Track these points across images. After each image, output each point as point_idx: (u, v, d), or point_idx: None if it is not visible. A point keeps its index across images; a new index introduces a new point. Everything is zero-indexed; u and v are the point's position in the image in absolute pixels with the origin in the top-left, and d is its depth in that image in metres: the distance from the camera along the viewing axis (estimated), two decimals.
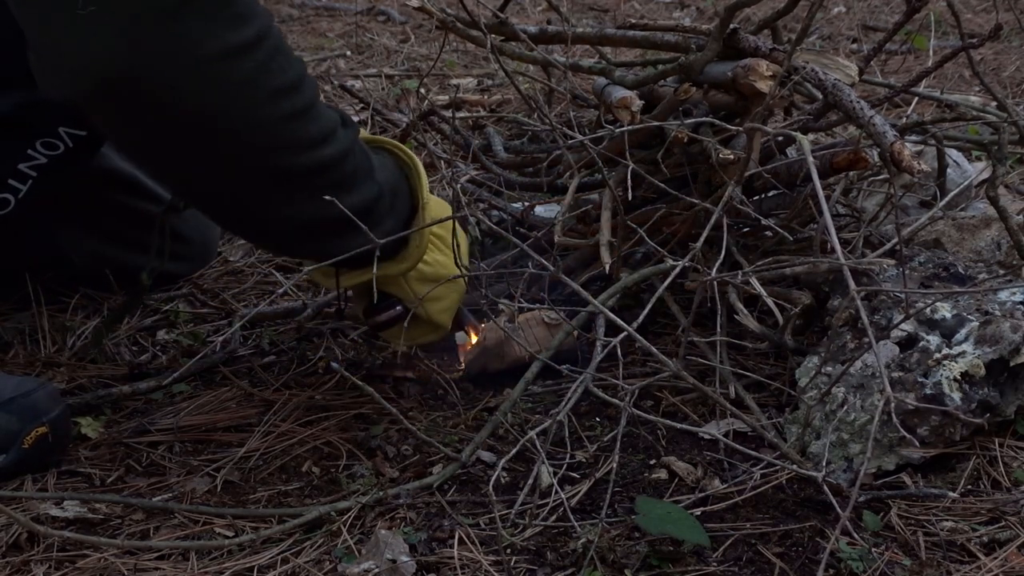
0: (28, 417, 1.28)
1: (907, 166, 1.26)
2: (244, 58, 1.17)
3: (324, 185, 1.23)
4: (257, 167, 1.24)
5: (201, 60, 1.15)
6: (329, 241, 1.29)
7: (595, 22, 3.45)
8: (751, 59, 1.41)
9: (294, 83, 1.22)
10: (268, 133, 1.22)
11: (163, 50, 1.14)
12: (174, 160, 1.27)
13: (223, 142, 1.22)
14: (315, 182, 1.23)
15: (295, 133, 1.22)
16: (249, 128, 1.21)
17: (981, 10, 3.52)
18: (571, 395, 1.18)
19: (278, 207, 1.26)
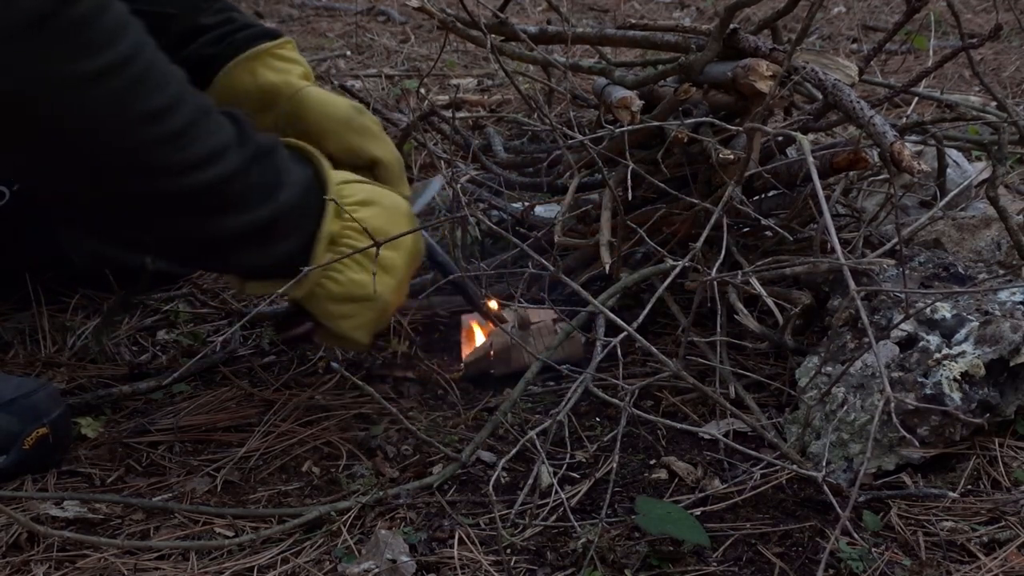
0: (29, 418, 1.28)
1: (907, 166, 1.26)
2: (101, 83, 1.15)
3: (209, 207, 1.22)
4: (129, 191, 1.21)
5: (57, 84, 1.14)
6: (224, 257, 1.29)
7: (595, 22, 3.45)
8: (751, 59, 1.41)
9: (165, 107, 1.19)
10: (135, 158, 1.19)
11: (17, 73, 1.13)
12: (46, 181, 1.25)
13: (88, 167, 1.20)
14: (197, 204, 1.22)
15: (167, 157, 1.19)
16: (114, 153, 1.19)
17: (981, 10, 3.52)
18: (571, 395, 1.18)
19: (161, 228, 1.25)
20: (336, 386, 1.48)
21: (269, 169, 1.28)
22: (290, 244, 1.29)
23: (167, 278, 1.79)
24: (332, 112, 1.49)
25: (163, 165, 1.19)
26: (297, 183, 1.30)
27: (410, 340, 1.57)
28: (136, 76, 1.17)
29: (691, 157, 1.49)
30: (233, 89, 1.51)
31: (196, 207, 1.22)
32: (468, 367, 1.49)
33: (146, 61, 1.19)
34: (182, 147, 1.20)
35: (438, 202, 1.65)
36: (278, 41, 1.52)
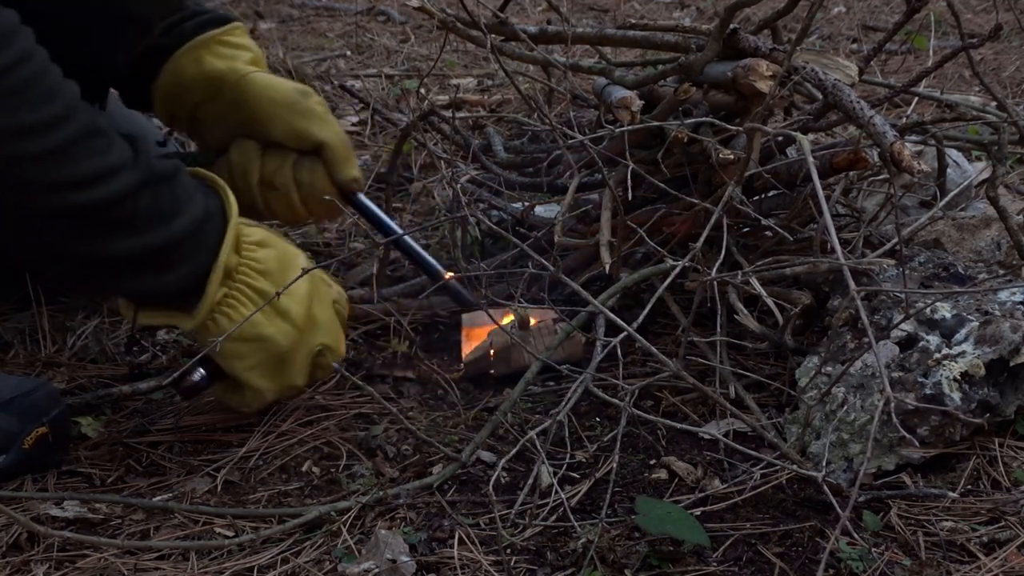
0: (28, 418, 1.28)
1: (907, 166, 1.26)
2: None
3: (94, 227, 1.20)
4: (4, 206, 1.19)
5: None
6: (115, 282, 1.27)
7: (595, 22, 3.45)
8: (751, 59, 1.41)
9: (46, 122, 1.17)
10: (9, 171, 1.17)
11: None
12: None
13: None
14: (81, 223, 1.20)
15: (45, 174, 1.17)
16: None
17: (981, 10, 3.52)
18: (571, 395, 1.18)
19: (43, 247, 1.23)
20: (336, 386, 1.48)
21: (164, 195, 1.25)
22: (183, 273, 1.27)
23: None
24: (276, 96, 1.47)
25: (41, 181, 1.17)
26: (196, 212, 1.27)
27: (410, 340, 1.57)
28: (13, 88, 1.14)
29: (691, 157, 1.49)
30: (179, 78, 1.49)
31: (79, 226, 1.20)
32: (468, 367, 1.49)
33: (28, 73, 1.16)
34: (62, 164, 1.17)
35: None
36: (226, 27, 1.51)
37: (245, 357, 1.31)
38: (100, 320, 1.66)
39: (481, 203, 1.84)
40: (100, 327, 1.64)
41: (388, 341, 1.59)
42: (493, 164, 1.86)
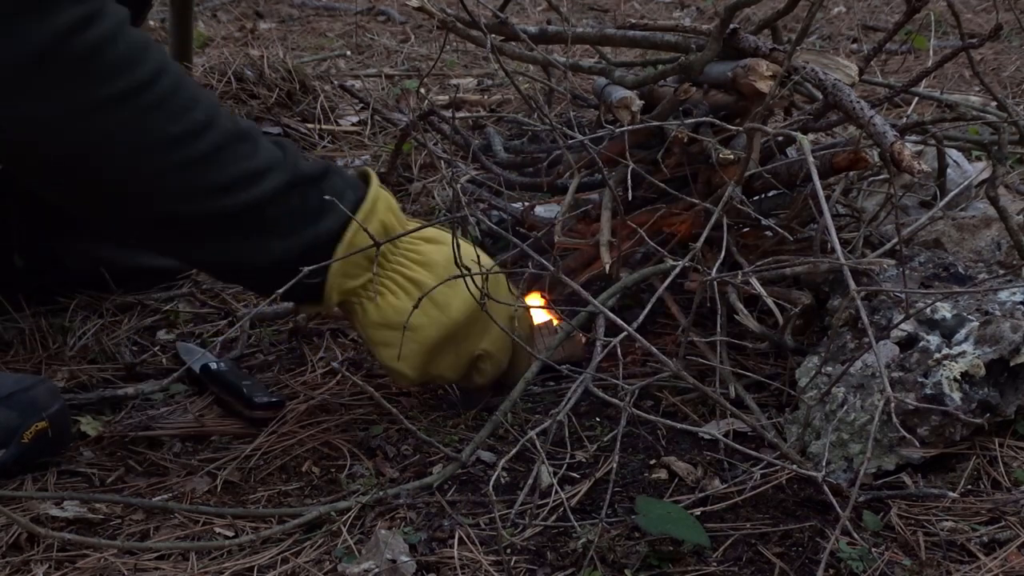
0: (28, 412, 1.28)
1: (907, 166, 1.26)
2: (114, 111, 1.16)
3: (245, 229, 1.22)
4: (156, 215, 1.23)
5: (69, 114, 1.15)
6: (255, 281, 1.31)
7: (595, 22, 3.45)
8: (751, 59, 1.41)
9: (193, 129, 1.19)
10: (158, 183, 1.20)
11: (21, 114, 1.15)
12: (82, 208, 1.30)
13: (114, 193, 1.22)
14: (231, 226, 1.22)
15: (195, 181, 1.20)
16: (135, 180, 1.20)
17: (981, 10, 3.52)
18: (571, 395, 1.18)
19: (198, 249, 1.27)
20: (336, 386, 1.48)
21: (313, 196, 1.25)
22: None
23: (165, 275, 1.79)
24: None
25: (189, 188, 1.20)
26: (341, 214, 1.26)
27: None
28: (153, 103, 1.17)
29: (691, 157, 1.49)
30: None
31: (228, 230, 1.22)
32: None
33: (167, 85, 1.19)
34: (209, 171, 1.20)
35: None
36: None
37: (391, 345, 1.31)
38: (100, 320, 1.66)
39: (481, 203, 1.84)
40: (100, 327, 1.64)
41: None
42: (493, 164, 1.86)
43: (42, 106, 1.15)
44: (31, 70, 1.13)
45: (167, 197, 1.21)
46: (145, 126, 1.18)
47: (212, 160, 1.21)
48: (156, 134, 1.18)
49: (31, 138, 1.18)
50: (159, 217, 1.23)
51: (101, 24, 1.15)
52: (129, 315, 1.70)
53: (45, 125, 1.16)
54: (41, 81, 1.14)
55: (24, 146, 1.19)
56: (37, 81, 1.14)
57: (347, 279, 1.29)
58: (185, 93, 1.21)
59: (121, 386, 1.49)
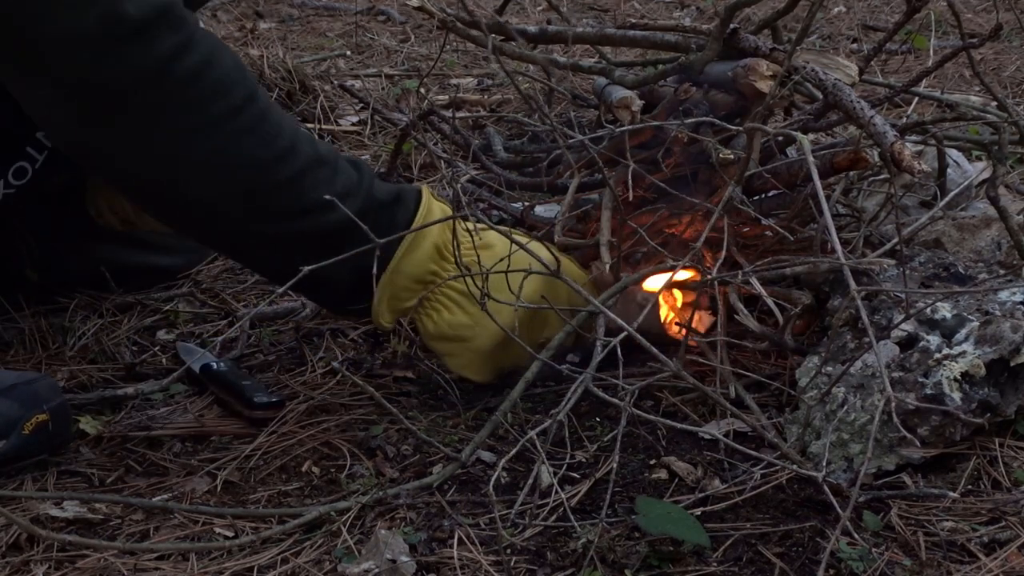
0: (29, 404, 1.28)
1: (907, 166, 1.26)
2: (212, 133, 1.22)
3: (319, 251, 1.23)
4: (241, 232, 1.30)
5: (166, 139, 1.21)
6: (324, 296, 1.40)
7: (595, 22, 3.45)
8: (751, 59, 1.41)
9: (279, 154, 1.25)
10: (247, 204, 1.26)
11: (118, 138, 1.21)
12: (175, 224, 1.38)
13: (200, 211, 1.29)
14: (307, 247, 1.26)
15: (278, 203, 1.26)
16: (226, 200, 1.27)
17: (981, 10, 3.52)
18: (571, 395, 1.18)
19: (270, 265, 1.36)
20: (336, 386, 1.48)
21: (384, 218, 1.32)
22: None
23: (166, 275, 1.79)
24: None
25: (271, 210, 1.27)
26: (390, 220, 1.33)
27: (410, 340, 1.57)
28: (244, 128, 1.23)
29: (691, 157, 1.49)
30: None
31: (304, 250, 1.24)
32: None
33: (256, 111, 1.24)
34: (291, 194, 1.26)
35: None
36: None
37: (454, 355, 1.40)
38: (100, 320, 1.66)
39: (481, 203, 1.84)
40: (100, 327, 1.64)
41: (388, 341, 1.58)
42: (493, 164, 1.86)
43: (139, 130, 1.20)
44: (129, 96, 1.17)
45: (254, 216, 1.28)
46: (237, 150, 1.23)
47: (295, 184, 1.26)
48: (246, 158, 1.24)
49: (126, 162, 1.24)
50: (244, 235, 1.31)
51: (196, 51, 1.19)
52: (129, 315, 1.69)
53: (140, 149, 1.22)
54: (139, 107, 1.18)
55: (119, 169, 1.26)
56: (135, 107, 1.18)
57: (397, 301, 1.37)
58: (273, 118, 1.26)
59: (121, 386, 1.49)
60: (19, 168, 1.42)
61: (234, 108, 1.23)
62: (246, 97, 1.24)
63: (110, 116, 1.19)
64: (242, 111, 1.23)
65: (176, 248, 1.78)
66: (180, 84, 1.19)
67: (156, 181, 1.26)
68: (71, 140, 1.26)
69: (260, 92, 1.26)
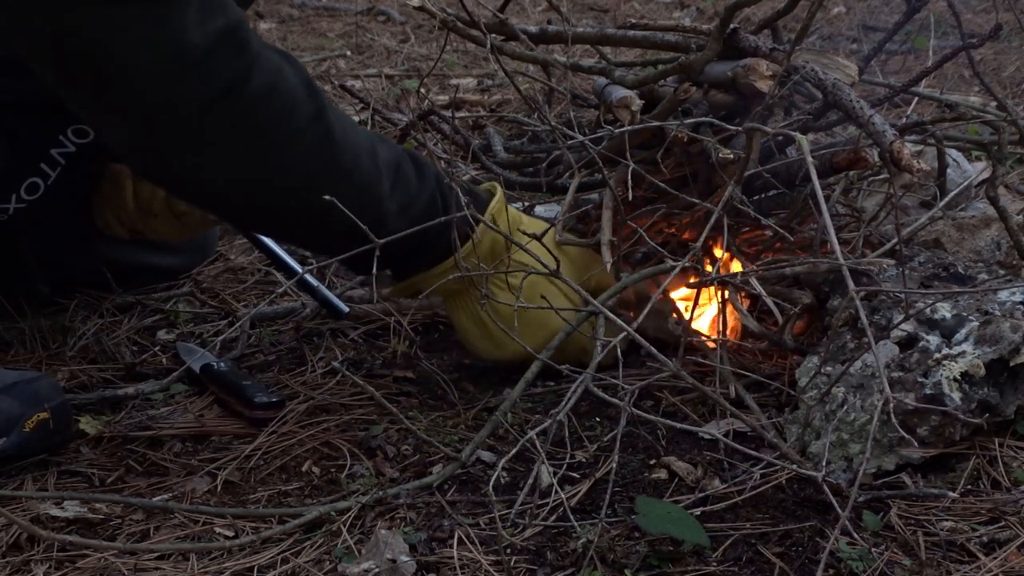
0: (30, 402, 1.28)
1: (907, 165, 1.26)
2: (283, 152, 1.26)
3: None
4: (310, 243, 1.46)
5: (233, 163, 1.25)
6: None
7: (595, 22, 3.45)
8: (751, 59, 1.41)
9: (342, 173, 1.30)
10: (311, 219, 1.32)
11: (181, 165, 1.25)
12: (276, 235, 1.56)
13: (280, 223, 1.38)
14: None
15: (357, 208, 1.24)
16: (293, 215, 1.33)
17: (981, 10, 3.51)
18: (571, 395, 1.18)
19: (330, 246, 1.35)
20: (336, 386, 1.48)
21: (445, 235, 1.35)
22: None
23: (166, 274, 1.79)
24: None
25: (340, 227, 1.25)
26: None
27: (410, 340, 1.57)
28: (309, 149, 1.27)
29: (691, 157, 1.49)
30: None
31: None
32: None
33: (319, 134, 1.27)
34: (357, 210, 1.24)
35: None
36: None
37: (474, 350, 1.49)
38: (100, 320, 1.66)
39: None
40: (100, 327, 1.64)
41: (388, 341, 1.59)
42: (493, 164, 1.86)
43: (207, 155, 1.24)
44: (195, 121, 1.20)
45: (314, 230, 1.35)
46: (302, 171, 1.27)
47: (356, 202, 1.26)
48: (310, 179, 1.28)
49: (195, 184, 1.29)
50: (309, 243, 1.48)
51: (260, 74, 1.21)
52: (129, 315, 1.70)
53: (208, 172, 1.26)
54: (206, 132, 1.21)
55: (190, 190, 1.33)
56: (202, 132, 1.21)
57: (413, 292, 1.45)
58: (337, 136, 1.28)
59: (121, 386, 1.49)
60: (31, 184, 1.43)
61: (297, 131, 1.25)
62: (311, 118, 1.26)
63: (178, 141, 1.22)
64: (305, 133, 1.26)
65: (178, 248, 1.78)
66: (244, 109, 1.21)
67: (218, 198, 1.32)
68: (141, 164, 1.31)
69: (325, 109, 1.28)
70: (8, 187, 1.41)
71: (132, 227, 1.58)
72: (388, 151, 1.37)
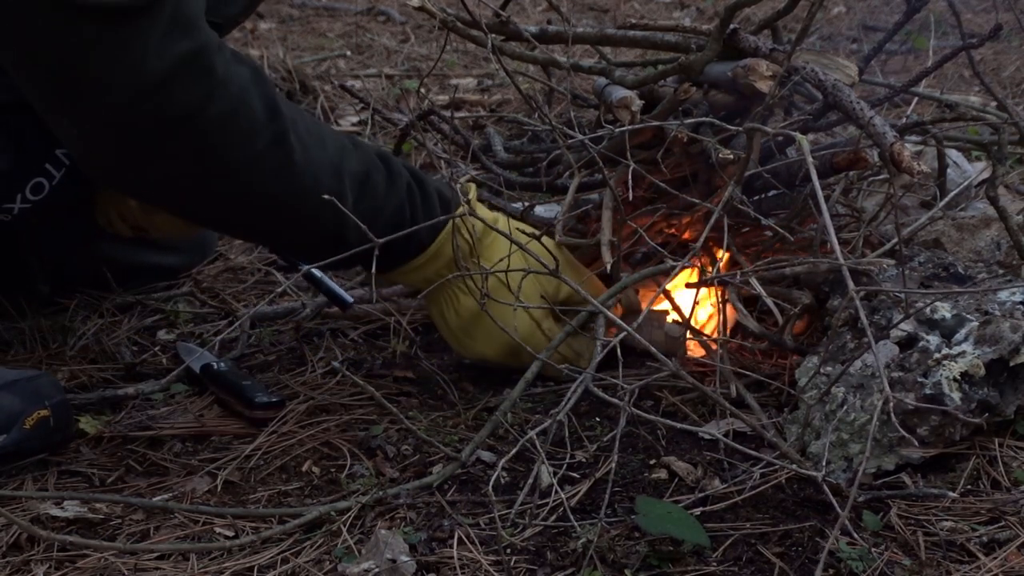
0: (30, 399, 1.28)
1: (907, 167, 1.26)
2: (252, 170, 1.29)
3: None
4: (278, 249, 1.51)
5: (205, 177, 1.28)
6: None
7: (595, 22, 3.45)
8: (751, 59, 1.41)
9: (300, 192, 1.31)
10: (272, 236, 1.42)
11: (153, 178, 1.28)
12: (262, 241, 1.61)
13: (254, 233, 1.45)
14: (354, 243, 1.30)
15: (330, 219, 1.29)
16: (254, 233, 1.44)
17: (981, 10, 3.51)
18: (571, 395, 1.18)
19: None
20: (336, 386, 1.48)
21: (427, 205, 1.40)
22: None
23: (167, 273, 1.79)
24: None
25: (323, 227, 1.33)
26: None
27: (410, 340, 1.57)
28: (267, 170, 1.29)
29: (691, 157, 1.49)
30: None
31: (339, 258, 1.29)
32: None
33: (279, 157, 1.29)
34: (316, 228, 1.33)
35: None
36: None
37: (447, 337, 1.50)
38: (100, 320, 1.66)
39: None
40: (100, 327, 1.64)
41: (388, 341, 1.59)
42: (493, 164, 1.86)
43: (167, 170, 1.27)
44: (156, 140, 1.23)
45: (279, 243, 1.45)
46: (260, 191, 1.30)
47: (313, 220, 1.33)
48: (267, 199, 1.31)
49: (157, 195, 1.34)
50: (277, 249, 1.52)
51: (221, 100, 1.24)
52: (129, 315, 1.70)
53: (169, 186, 1.29)
54: (166, 150, 1.24)
55: (152, 199, 1.39)
56: (163, 150, 1.24)
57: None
58: (297, 157, 1.30)
59: (121, 386, 1.49)
60: (36, 184, 1.43)
61: (256, 155, 1.27)
62: (270, 142, 1.28)
63: (132, 159, 1.26)
64: (264, 157, 1.28)
65: (178, 247, 1.78)
66: (202, 132, 1.23)
67: (186, 211, 1.39)
68: (98, 174, 1.34)
69: (287, 133, 1.29)
70: (14, 187, 1.41)
71: (135, 224, 1.58)
72: (358, 163, 1.38)
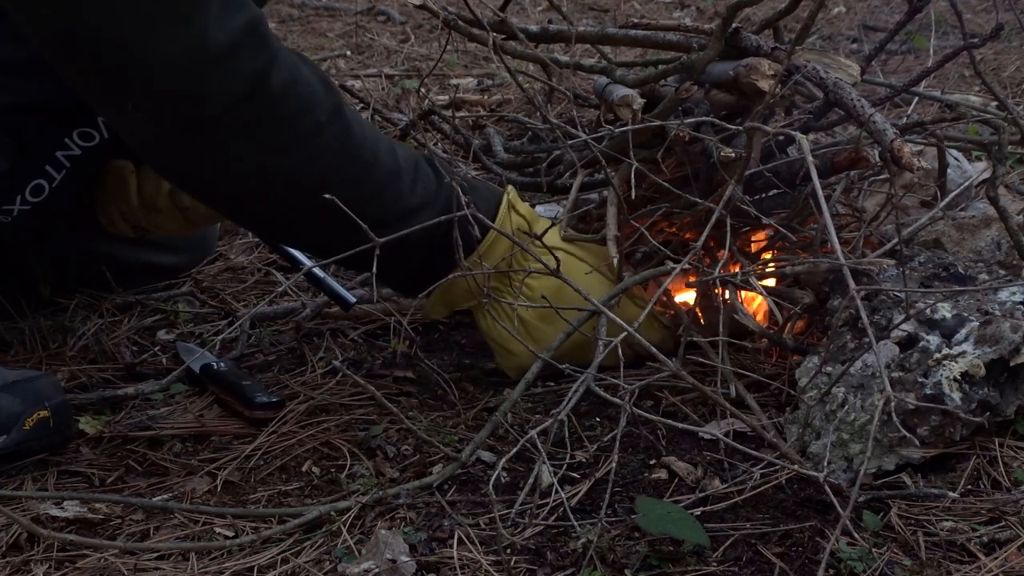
0: (30, 400, 1.28)
1: (907, 163, 1.26)
2: (300, 149, 1.26)
3: (395, 256, 1.25)
4: (324, 245, 1.34)
5: (252, 157, 1.25)
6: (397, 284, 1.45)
7: (595, 22, 3.45)
8: (753, 58, 1.41)
9: (361, 169, 1.29)
10: (330, 218, 1.23)
11: (206, 154, 1.25)
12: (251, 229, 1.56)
13: (283, 223, 1.35)
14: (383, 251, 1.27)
15: (360, 216, 1.25)
16: (309, 213, 1.30)
17: (981, 10, 3.51)
18: (571, 395, 1.18)
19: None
20: (336, 386, 1.48)
21: (475, 195, 1.36)
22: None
23: (167, 272, 1.79)
24: None
25: (352, 223, 1.24)
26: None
27: (410, 340, 1.57)
28: (329, 144, 1.26)
29: (692, 156, 1.49)
30: None
31: (391, 254, 1.25)
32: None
33: (339, 129, 1.27)
34: (371, 208, 1.25)
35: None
36: None
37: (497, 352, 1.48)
38: (100, 320, 1.66)
39: None
40: (100, 327, 1.64)
41: (388, 341, 1.59)
42: (493, 164, 1.86)
43: (229, 150, 1.23)
44: (220, 117, 1.20)
45: (332, 230, 1.27)
46: (322, 166, 1.26)
47: (376, 198, 1.29)
48: (330, 174, 1.26)
49: (214, 179, 1.29)
50: (322, 247, 1.35)
51: (282, 68, 1.22)
52: (129, 315, 1.70)
53: (229, 167, 1.25)
54: (229, 127, 1.21)
55: (206, 185, 1.32)
56: (225, 127, 1.21)
57: (445, 306, 1.45)
58: (355, 130, 1.28)
59: (121, 386, 1.49)
60: (36, 186, 1.43)
61: (318, 125, 1.25)
62: (331, 112, 1.26)
63: (203, 138, 1.22)
64: (326, 127, 1.26)
65: (178, 246, 1.78)
66: (268, 103, 1.21)
67: (241, 196, 1.31)
68: (162, 161, 1.30)
69: (342, 106, 1.28)
70: (13, 189, 1.41)
71: (136, 224, 1.58)
72: (406, 149, 1.37)
